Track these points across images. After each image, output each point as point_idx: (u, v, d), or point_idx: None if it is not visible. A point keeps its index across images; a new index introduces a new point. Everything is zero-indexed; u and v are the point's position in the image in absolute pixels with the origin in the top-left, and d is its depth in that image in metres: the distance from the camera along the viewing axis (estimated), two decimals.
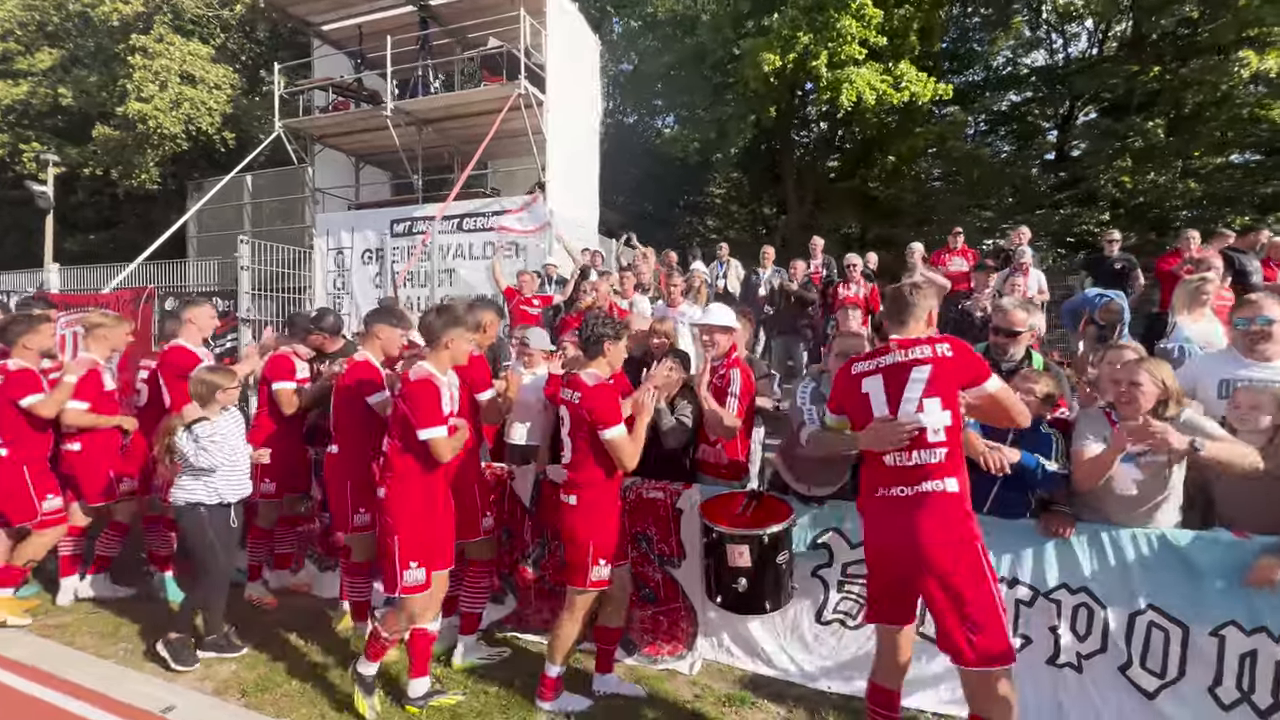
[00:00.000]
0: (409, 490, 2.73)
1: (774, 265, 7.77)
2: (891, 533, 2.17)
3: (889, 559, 2.22)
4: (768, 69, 11.95)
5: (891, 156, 16.26)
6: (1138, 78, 14.36)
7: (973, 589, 2.02)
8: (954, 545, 2.06)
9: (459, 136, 10.85)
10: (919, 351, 2.17)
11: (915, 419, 2.11)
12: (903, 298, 2.29)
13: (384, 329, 3.28)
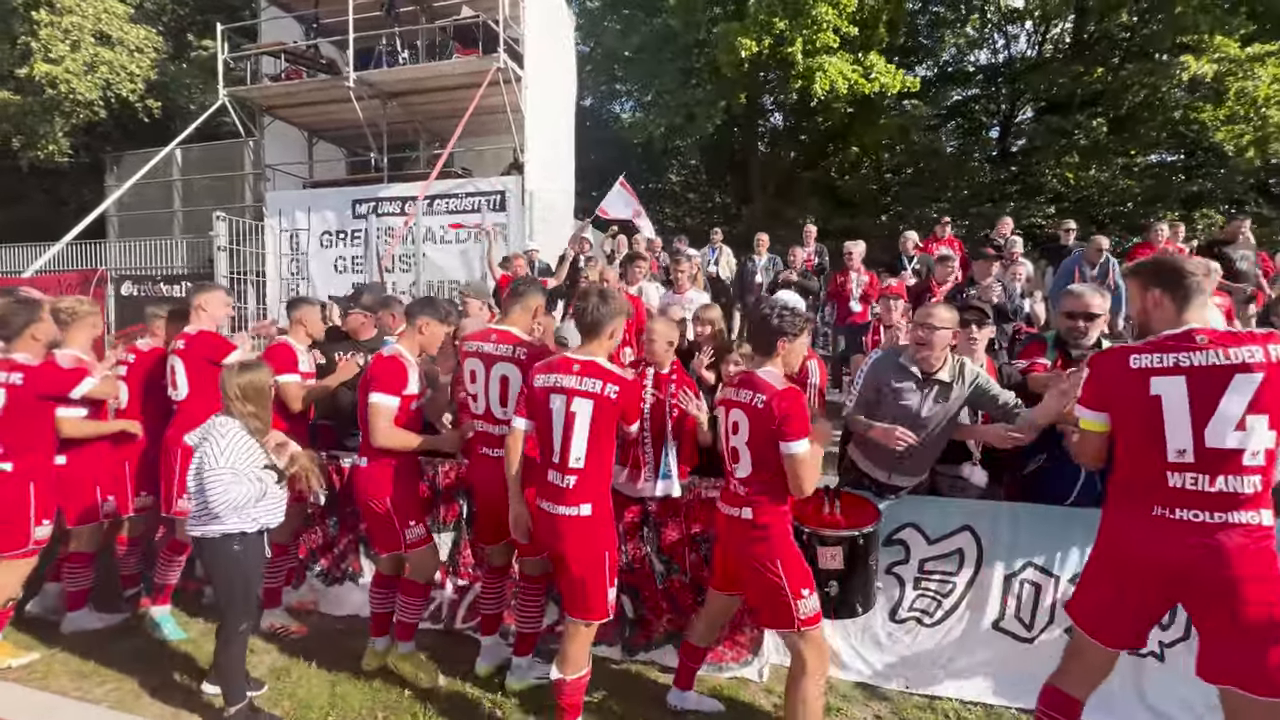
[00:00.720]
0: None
1: (768, 252, 7.70)
2: (1170, 557, 1.82)
3: (1152, 583, 1.88)
4: (744, 54, 11.82)
5: (855, 148, 16.53)
6: (1082, 78, 15.13)
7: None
8: (1268, 582, 1.75)
9: (426, 112, 10.20)
10: (1246, 353, 1.75)
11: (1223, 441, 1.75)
12: (1187, 275, 1.85)
13: (430, 323, 2.90)
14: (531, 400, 2.49)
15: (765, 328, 2.37)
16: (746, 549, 2.36)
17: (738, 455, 2.37)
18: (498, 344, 2.81)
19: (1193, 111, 13.74)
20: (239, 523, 2.41)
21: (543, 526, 2.48)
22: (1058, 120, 15.18)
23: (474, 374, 2.84)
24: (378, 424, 2.72)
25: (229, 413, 2.43)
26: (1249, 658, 1.74)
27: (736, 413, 2.35)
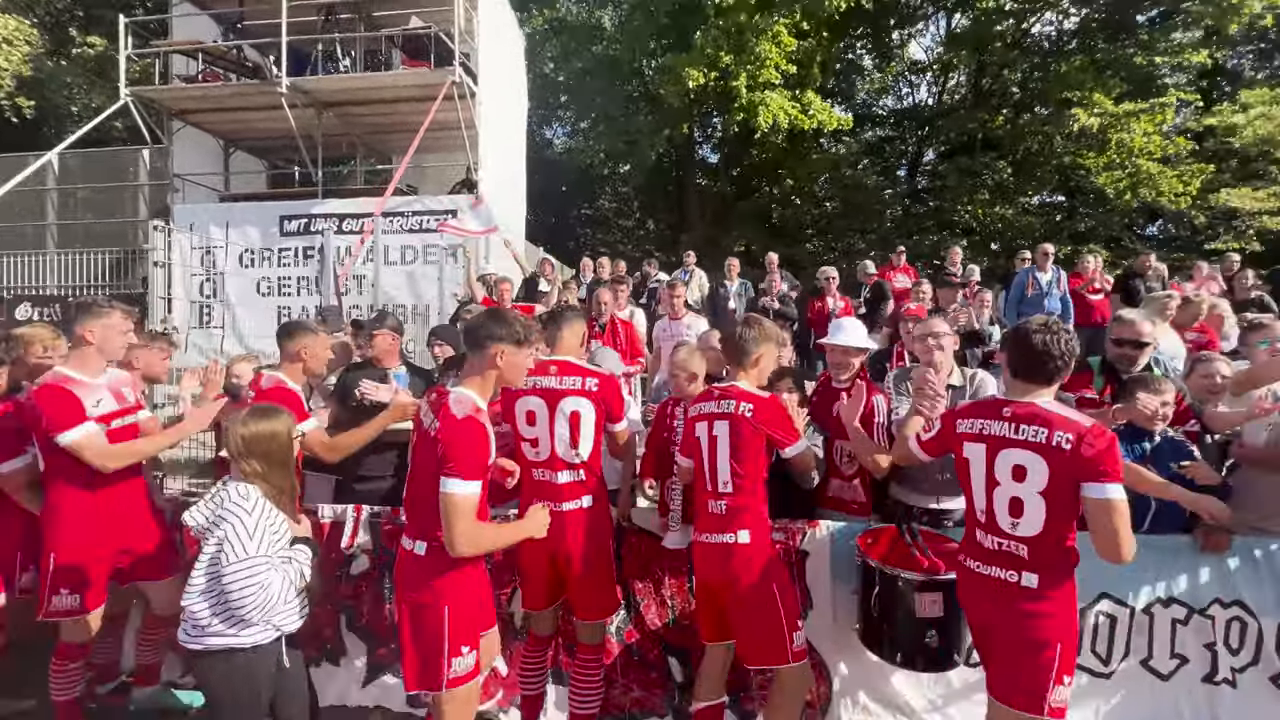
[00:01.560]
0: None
1: (740, 278, 7.66)
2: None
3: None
4: (691, 84, 12.02)
5: (789, 180, 17.24)
6: (985, 125, 16.70)
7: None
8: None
9: (367, 124, 9.48)
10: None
11: None
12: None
13: (507, 349, 2.28)
14: (685, 433, 2.48)
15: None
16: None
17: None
18: (561, 377, 2.43)
19: (1079, 159, 15.50)
20: (261, 630, 1.85)
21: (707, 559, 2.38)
22: (967, 161, 16.60)
23: (532, 414, 2.43)
24: (457, 525, 1.85)
25: (243, 477, 1.88)
26: None
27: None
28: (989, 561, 2.00)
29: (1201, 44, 15.76)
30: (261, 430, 1.88)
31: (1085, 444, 1.81)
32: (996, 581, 1.96)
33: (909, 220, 17.96)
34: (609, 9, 18.11)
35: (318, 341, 2.82)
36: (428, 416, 2.03)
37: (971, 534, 2.09)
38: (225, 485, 1.90)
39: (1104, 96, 14.59)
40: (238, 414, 1.94)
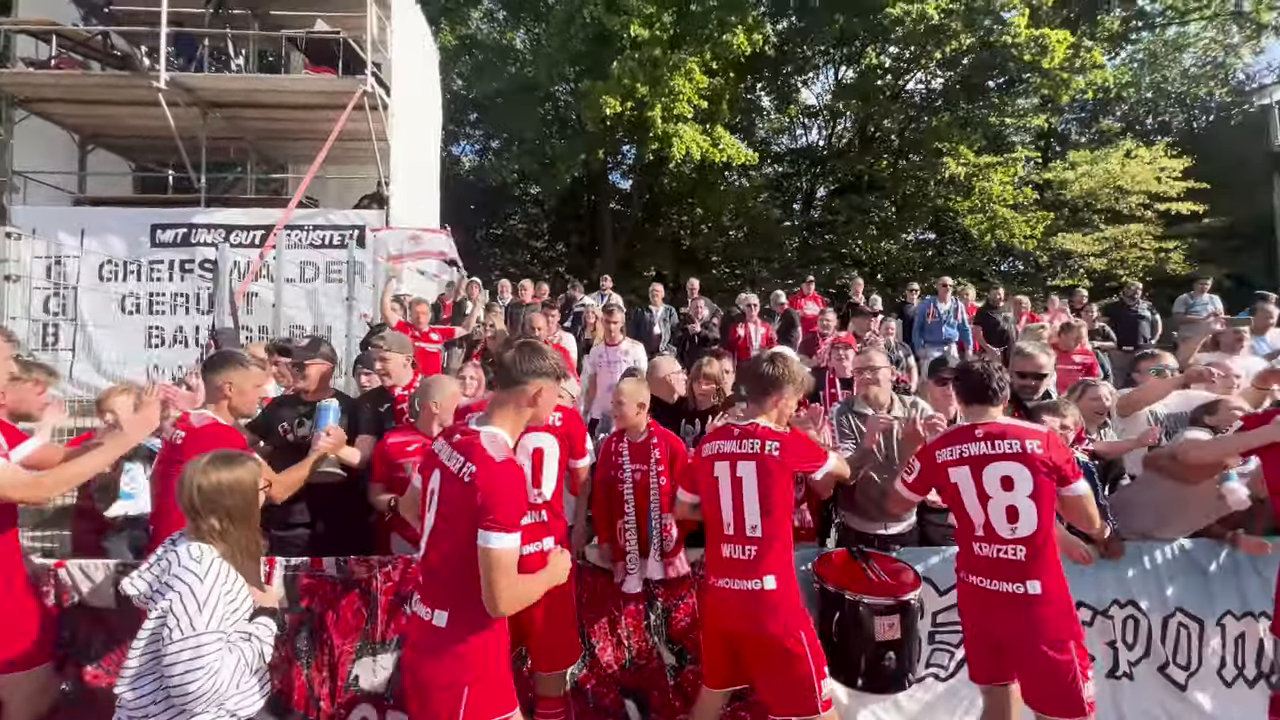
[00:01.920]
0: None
1: (664, 303, 7.78)
2: None
3: None
4: (609, 111, 12.21)
5: (699, 209, 17.92)
6: (872, 167, 18.38)
7: None
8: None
9: (258, 129, 8.69)
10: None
11: None
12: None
13: (547, 385, 1.94)
14: (698, 471, 2.35)
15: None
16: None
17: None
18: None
19: (948, 202, 17.45)
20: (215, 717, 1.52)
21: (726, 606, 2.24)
22: (857, 199, 18.15)
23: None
24: (501, 582, 1.63)
25: (198, 535, 1.56)
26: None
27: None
28: (992, 575, 2.19)
29: (1039, 110, 18.47)
30: (224, 480, 1.60)
31: (1052, 445, 2.16)
32: (1004, 596, 2.15)
33: (807, 251, 19.26)
34: (521, 30, 18.11)
35: (247, 377, 2.47)
36: (454, 460, 1.74)
37: (970, 550, 2.27)
38: (175, 545, 1.59)
39: (967, 149, 16.61)
40: (195, 461, 1.64)
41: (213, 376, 2.44)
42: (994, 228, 16.99)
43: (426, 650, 1.72)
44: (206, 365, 2.49)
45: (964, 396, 2.33)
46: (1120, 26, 18.68)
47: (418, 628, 1.77)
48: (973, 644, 2.37)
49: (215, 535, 1.59)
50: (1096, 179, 17.03)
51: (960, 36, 14.28)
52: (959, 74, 17.40)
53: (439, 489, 1.76)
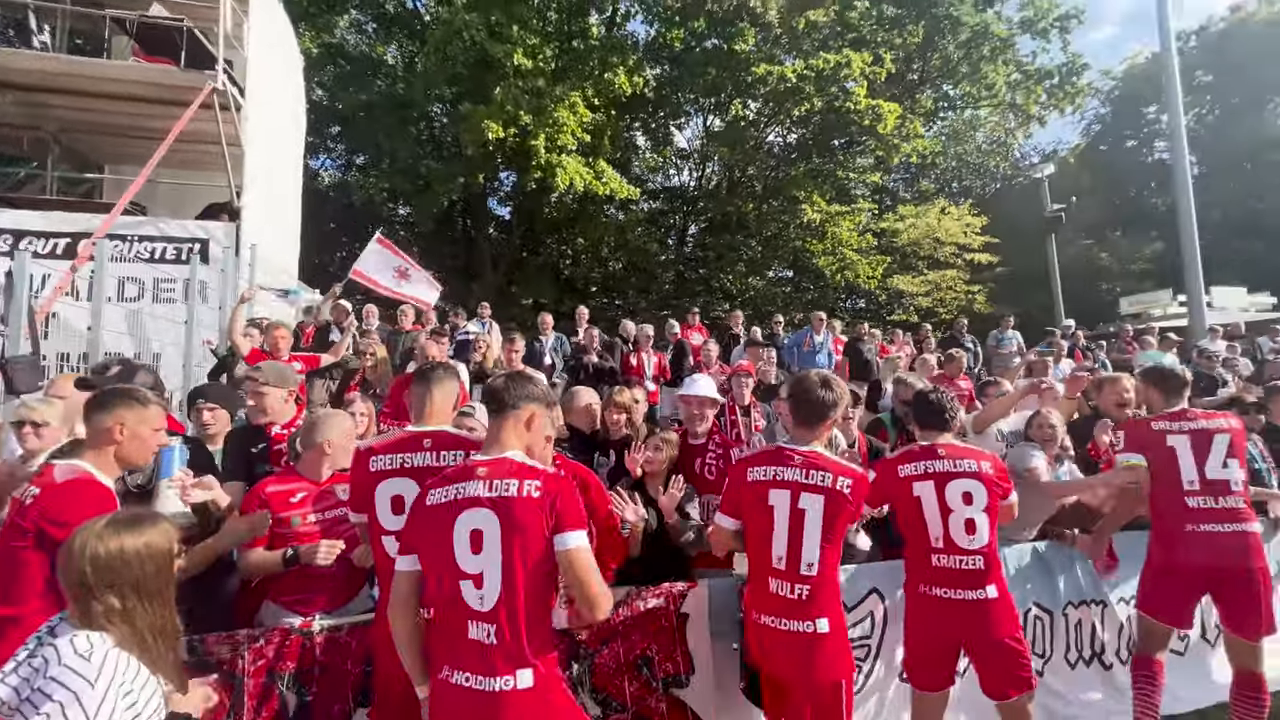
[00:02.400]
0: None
1: (554, 332, 7.64)
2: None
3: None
4: (491, 136, 11.97)
5: (581, 239, 18.06)
6: (740, 209, 19.84)
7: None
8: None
9: (65, 120, 7.32)
10: (1224, 422, 2.80)
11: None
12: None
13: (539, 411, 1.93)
14: (743, 496, 2.21)
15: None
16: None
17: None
18: (437, 451, 2.13)
19: (806, 244, 19.31)
20: None
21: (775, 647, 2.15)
22: (727, 238, 19.43)
23: (399, 500, 2.05)
24: (593, 580, 1.62)
25: (88, 620, 1.18)
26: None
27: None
28: (952, 584, 2.36)
29: (874, 168, 21.24)
30: (128, 547, 1.24)
31: (997, 465, 2.46)
32: (966, 604, 2.33)
33: (683, 284, 20.16)
34: (393, 45, 17.30)
35: (144, 417, 1.96)
36: (506, 487, 1.65)
37: (928, 562, 2.41)
38: (53, 635, 1.19)
39: (820, 198, 18.59)
40: (89, 525, 1.26)
41: (100, 416, 1.92)
42: (843, 268, 19.09)
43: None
44: (92, 403, 1.95)
45: (921, 420, 2.55)
46: (932, 105, 22.16)
47: (496, 703, 1.52)
48: (924, 651, 2.50)
49: (115, 618, 1.23)
50: (920, 230, 19.88)
51: (813, 99, 16.05)
52: (811, 131, 19.51)
53: (504, 536, 1.61)
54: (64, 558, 1.27)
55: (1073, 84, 21.90)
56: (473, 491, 1.65)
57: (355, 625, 2.44)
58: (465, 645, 1.57)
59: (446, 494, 1.68)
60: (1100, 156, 30.23)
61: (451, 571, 1.60)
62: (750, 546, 2.26)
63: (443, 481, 1.72)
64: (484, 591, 1.59)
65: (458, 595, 1.59)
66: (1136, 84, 30.10)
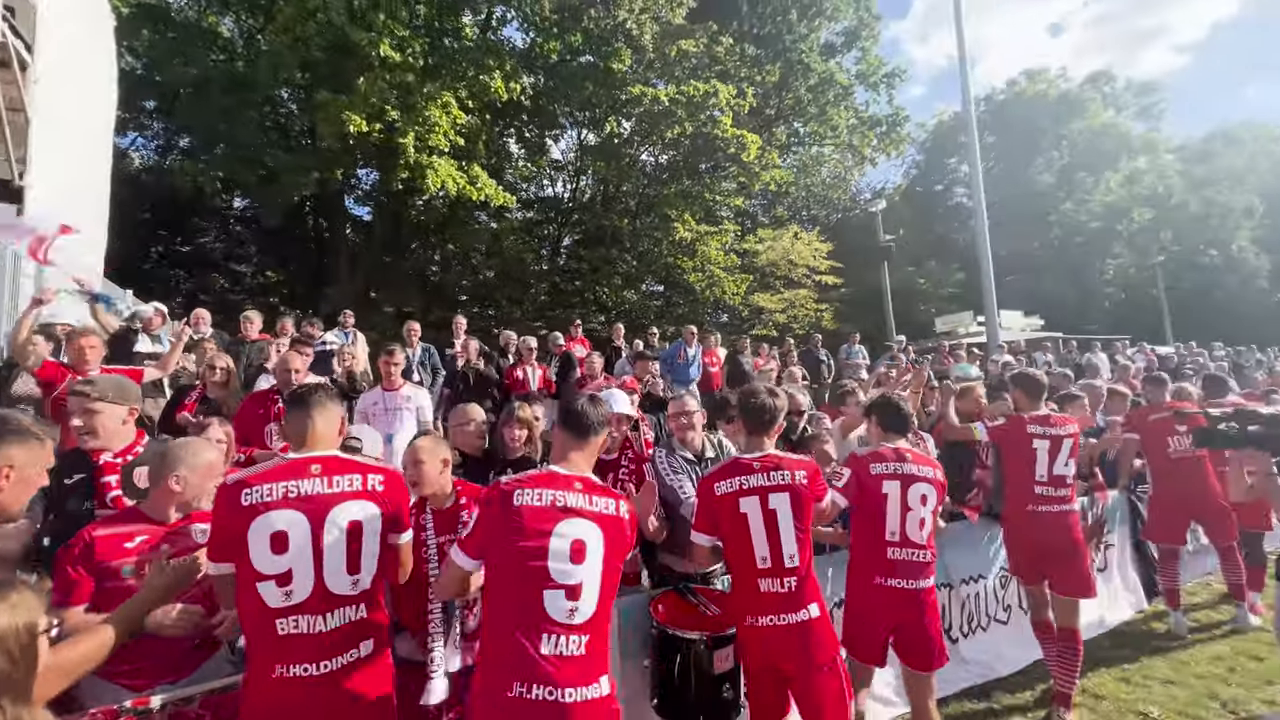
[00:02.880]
0: None
1: (421, 343, 7.15)
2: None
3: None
4: (353, 129, 11.01)
5: (452, 245, 17.20)
6: (615, 224, 20.19)
7: None
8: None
9: None
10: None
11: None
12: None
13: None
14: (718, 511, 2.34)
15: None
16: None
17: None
18: (330, 477, 1.88)
19: (677, 261, 20.14)
20: None
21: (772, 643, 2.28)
22: (603, 251, 19.65)
23: (281, 537, 1.77)
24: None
25: None
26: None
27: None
28: (901, 575, 2.61)
29: (737, 193, 22.81)
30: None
31: (941, 471, 2.78)
32: (908, 592, 2.60)
33: (558, 295, 20.00)
34: (229, 18, 15.28)
35: (34, 455, 1.46)
36: (602, 503, 1.87)
37: (883, 554, 2.62)
38: None
39: (690, 218, 19.54)
40: None
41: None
42: (711, 285, 20.18)
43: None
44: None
45: (884, 425, 2.82)
46: (786, 139, 24.39)
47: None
48: (871, 635, 2.71)
49: None
50: (777, 252, 21.66)
51: (684, 123, 16.87)
52: (681, 154, 20.47)
53: (601, 542, 1.79)
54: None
55: (897, 133, 25.37)
56: (585, 504, 1.82)
57: (211, 694, 2.06)
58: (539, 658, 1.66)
59: (563, 504, 1.79)
60: (917, 196, 35.32)
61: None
62: (732, 556, 2.37)
63: (545, 483, 1.82)
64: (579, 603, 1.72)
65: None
66: (942, 138, 35.70)
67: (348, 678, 1.79)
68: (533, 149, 21.85)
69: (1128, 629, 4.49)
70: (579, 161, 22.88)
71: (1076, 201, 33.65)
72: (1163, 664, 3.94)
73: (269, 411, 3.73)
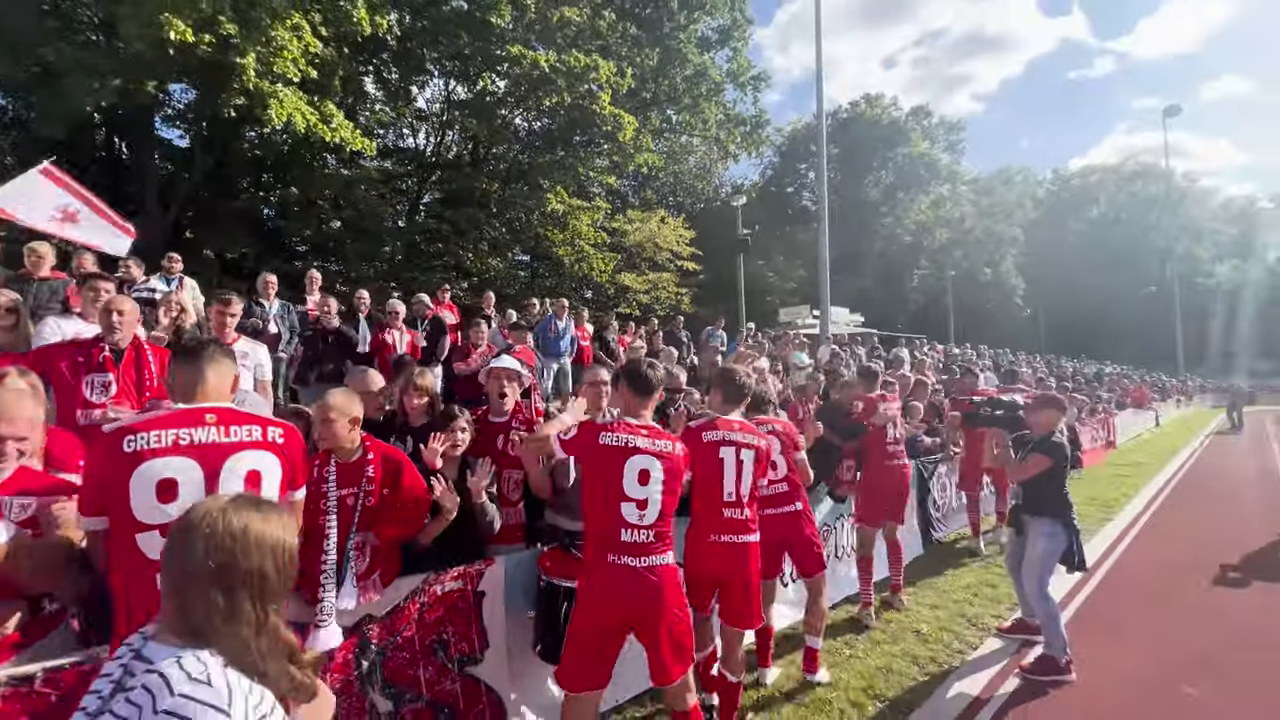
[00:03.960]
0: None
1: (279, 299, 6.45)
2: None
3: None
4: (173, 36, 9.29)
5: (294, 190, 15.27)
6: (486, 187, 19.32)
7: None
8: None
9: None
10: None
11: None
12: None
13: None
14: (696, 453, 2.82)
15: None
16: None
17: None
18: (227, 426, 1.81)
19: (547, 233, 19.88)
20: None
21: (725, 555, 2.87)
22: (469, 213, 18.72)
23: (170, 484, 1.68)
24: None
25: (190, 628, 1.02)
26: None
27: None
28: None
29: (609, 171, 23.01)
30: (254, 532, 1.07)
31: (788, 430, 3.37)
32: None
33: (417, 255, 18.74)
34: None
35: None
36: (663, 444, 2.49)
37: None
38: (140, 659, 0.94)
39: (564, 190, 19.35)
40: (203, 503, 1.02)
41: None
42: (580, 260, 20.26)
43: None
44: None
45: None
46: (659, 125, 25.03)
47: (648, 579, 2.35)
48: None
49: (221, 622, 1.02)
50: (644, 234, 22.33)
51: (563, 93, 16.59)
52: (557, 124, 20.12)
53: (661, 470, 2.42)
54: (173, 544, 1.05)
55: (759, 134, 27.26)
56: (647, 444, 2.44)
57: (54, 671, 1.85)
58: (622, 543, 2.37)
59: (634, 443, 2.42)
60: (771, 196, 38.33)
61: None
62: (700, 490, 2.90)
63: (625, 430, 2.46)
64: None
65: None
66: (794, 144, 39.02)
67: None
68: (394, 94, 20.01)
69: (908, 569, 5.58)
70: (445, 114, 21.43)
71: (895, 217, 38.90)
72: (930, 593, 4.99)
73: (91, 359, 3.21)
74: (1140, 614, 4.52)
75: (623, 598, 2.34)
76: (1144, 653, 3.86)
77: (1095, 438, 12.65)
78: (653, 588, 2.34)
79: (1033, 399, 4.21)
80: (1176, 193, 48.15)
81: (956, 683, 3.55)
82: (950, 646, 4.00)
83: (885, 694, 3.42)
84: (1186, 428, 21.80)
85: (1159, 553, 6.13)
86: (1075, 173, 59.00)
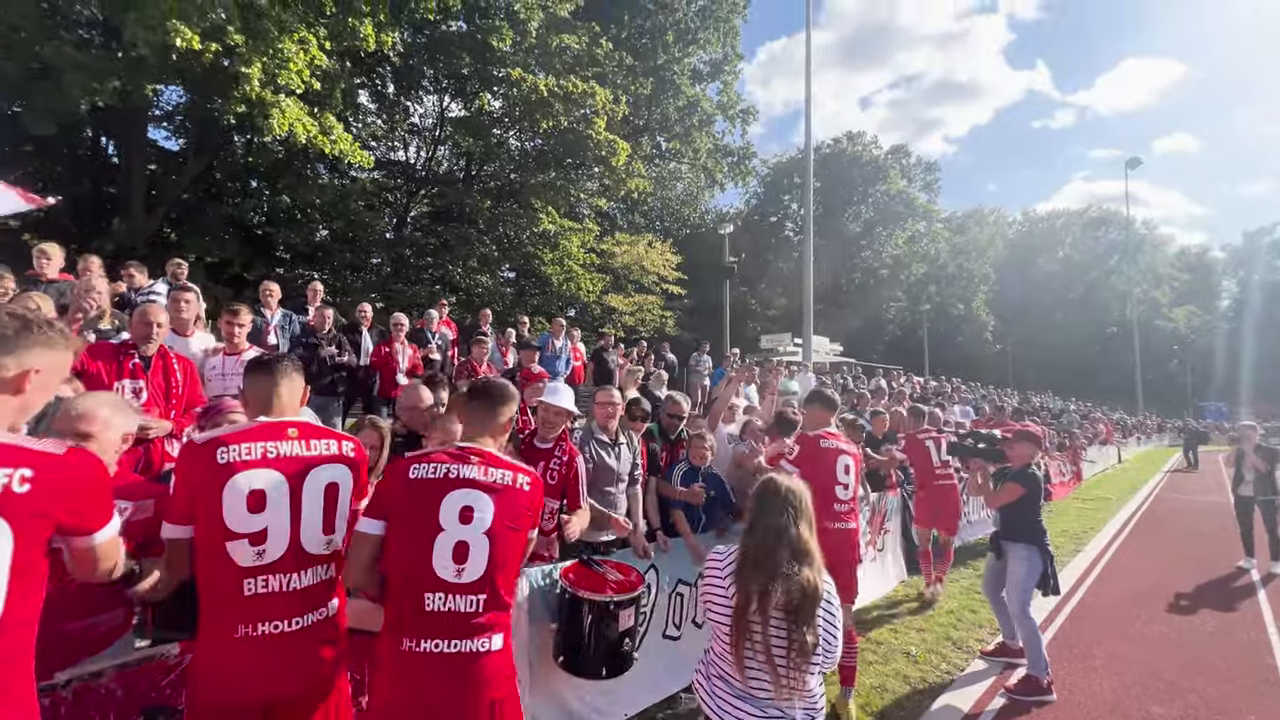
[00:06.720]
0: None
1: (281, 308, 6.49)
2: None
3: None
4: (180, 43, 9.35)
5: (286, 197, 15.23)
6: (477, 203, 19.47)
7: None
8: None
9: None
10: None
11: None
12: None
13: None
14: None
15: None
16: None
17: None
18: (308, 440, 1.98)
19: (537, 252, 20.07)
20: None
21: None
22: (460, 229, 18.82)
23: (259, 496, 1.82)
24: None
25: None
26: None
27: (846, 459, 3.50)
28: (841, 519, 3.34)
29: (600, 194, 23.39)
30: None
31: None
32: (846, 531, 3.37)
33: (405, 268, 18.73)
34: None
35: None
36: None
37: (830, 508, 3.34)
38: None
39: (555, 211, 19.61)
40: None
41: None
42: (568, 279, 20.46)
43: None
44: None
45: (824, 408, 3.60)
46: (650, 151, 25.63)
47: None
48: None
49: None
50: (632, 257, 22.68)
51: (560, 117, 16.94)
52: (551, 146, 20.47)
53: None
54: None
55: (746, 165, 28.10)
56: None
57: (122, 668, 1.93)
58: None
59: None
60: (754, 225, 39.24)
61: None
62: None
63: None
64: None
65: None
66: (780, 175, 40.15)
67: (317, 633, 1.85)
68: (389, 107, 20.18)
69: (894, 594, 5.80)
70: (439, 130, 21.62)
71: (873, 251, 40.12)
72: (917, 618, 5.20)
73: (123, 366, 3.28)
74: (1108, 641, 4.79)
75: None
76: (1114, 675, 4.12)
77: (1063, 471, 13.16)
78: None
79: (1010, 434, 4.50)
80: (1136, 239, 50.72)
81: (947, 700, 3.74)
82: (939, 667, 4.20)
83: (882, 711, 3.59)
84: (1150, 463, 22.72)
85: (1125, 584, 6.46)
86: (1043, 216, 61.74)
